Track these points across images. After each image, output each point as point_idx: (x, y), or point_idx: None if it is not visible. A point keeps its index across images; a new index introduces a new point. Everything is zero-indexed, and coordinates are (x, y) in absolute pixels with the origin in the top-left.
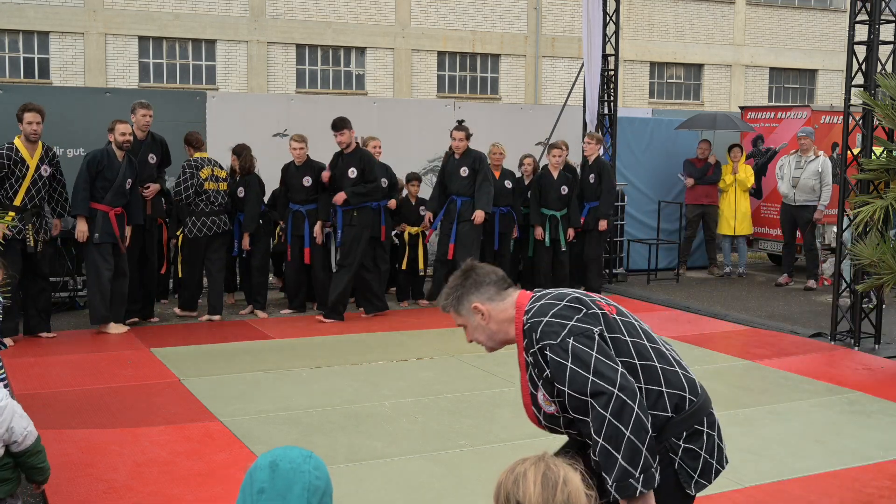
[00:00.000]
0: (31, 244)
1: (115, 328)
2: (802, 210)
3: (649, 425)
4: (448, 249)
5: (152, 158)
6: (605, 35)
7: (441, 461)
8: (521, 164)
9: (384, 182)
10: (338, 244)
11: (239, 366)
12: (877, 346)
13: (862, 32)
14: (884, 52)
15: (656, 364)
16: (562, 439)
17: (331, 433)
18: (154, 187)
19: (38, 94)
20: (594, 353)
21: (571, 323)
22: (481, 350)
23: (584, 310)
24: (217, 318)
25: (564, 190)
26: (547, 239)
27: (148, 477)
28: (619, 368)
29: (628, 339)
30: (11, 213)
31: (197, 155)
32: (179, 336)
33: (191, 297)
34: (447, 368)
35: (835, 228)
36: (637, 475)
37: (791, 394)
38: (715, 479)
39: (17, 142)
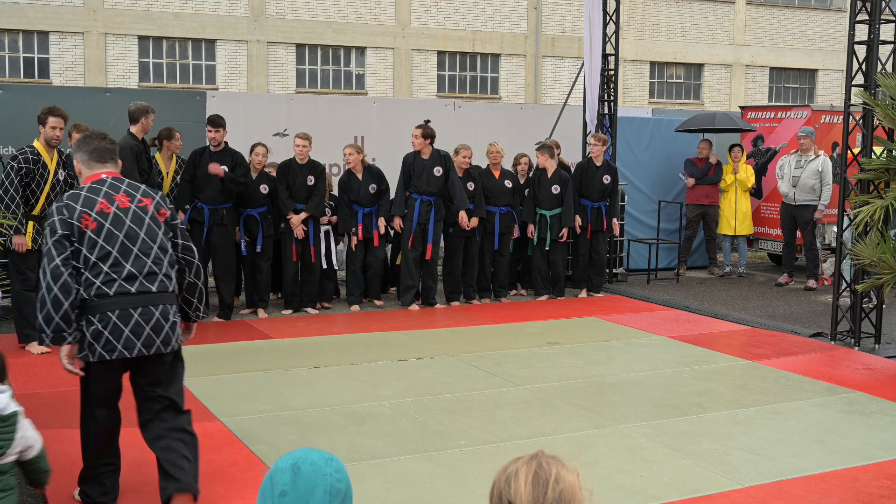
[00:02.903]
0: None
1: None
2: (802, 210)
3: (67, 302)
4: (426, 250)
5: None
6: (605, 35)
7: (441, 461)
8: (517, 164)
9: (372, 188)
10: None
11: (239, 366)
12: (877, 346)
13: (862, 32)
14: (884, 51)
15: (86, 273)
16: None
17: (331, 433)
18: None
19: (38, 93)
20: (50, 242)
21: (56, 218)
22: (481, 350)
23: (67, 216)
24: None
25: (556, 189)
26: (535, 238)
27: (148, 477)
28: (58, 259)
29: (83, 250)
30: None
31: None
32: None
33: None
34: (447, 368)
35: (835, 228)
36: (49, 332)
37: (791, 394)
38: (98, 359)
39: (38, 145)
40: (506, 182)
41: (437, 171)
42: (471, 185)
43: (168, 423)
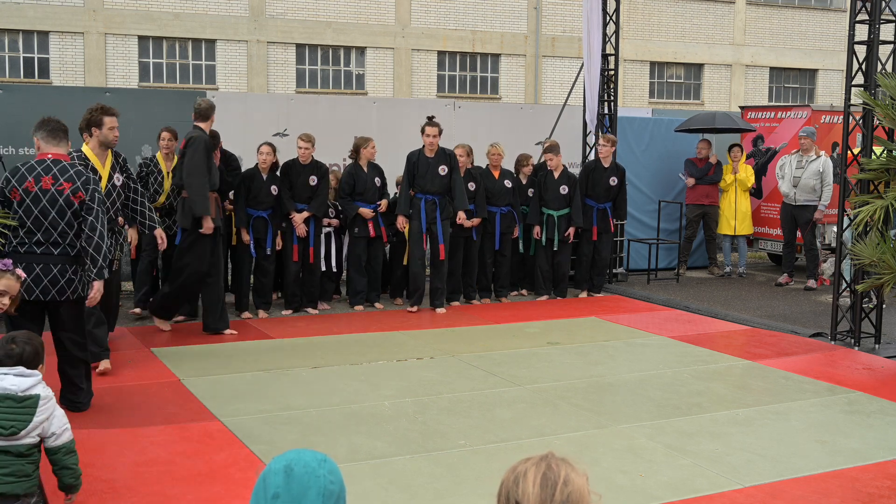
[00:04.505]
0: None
1: None
2: (803, 210)
3: None
4: (438, 250)
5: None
6: (605, 35)
7: (441, 461)
8: (523, 164)
9: (377, 181)
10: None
11: (239, 366)
12: (877, 346)
13: (862, 32)
14: (884, 51)
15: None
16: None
17: (331, 433)
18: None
19: (38, 93)
20: None
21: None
22: (481, 350)
23: (4, 185)
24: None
25: (564, 190)
26: (544, 238)
27: (148, 477)
28: None
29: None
30: None
31: None
32: (179, 336)
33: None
34: (447, 368)
35: (835, 228)
36: None
37: (791, 394)
38: (33, 298)
39: (87, 150)
40: (506, 182)
41: (443, 169)
42: (471, 185)
43: (70, 373)
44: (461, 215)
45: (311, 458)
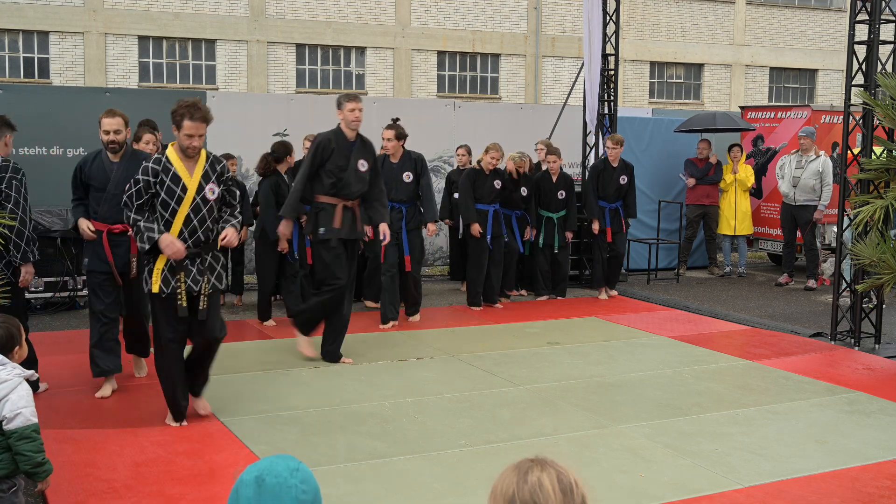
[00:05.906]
0: (183, 303)
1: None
2: (803, 210)
3: None
4: (404, 261)
5: (362, 165)
6: (605, 35)
7: (441, 461)
8: (519, 165)
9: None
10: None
11: (239, 366)
12: (877, 346)
13: (862, 32)
14: (884, 51)
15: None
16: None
17: (331, 433)
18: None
19: (38, 93)
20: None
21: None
22: (481, 350)
23: None
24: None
25: (562, 194)
26: (542, 241)
27: (148, 477)
28: None
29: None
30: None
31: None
32: None
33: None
34: (447, 368)
35: (835, 228)
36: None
37: (791, 394)
38: None
39: (171, 152)
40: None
41: (408, 176)
42: (498, 184)
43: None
44: (431, 227)
45: (284, 467)
